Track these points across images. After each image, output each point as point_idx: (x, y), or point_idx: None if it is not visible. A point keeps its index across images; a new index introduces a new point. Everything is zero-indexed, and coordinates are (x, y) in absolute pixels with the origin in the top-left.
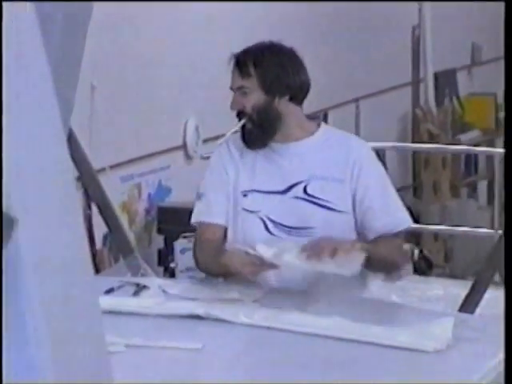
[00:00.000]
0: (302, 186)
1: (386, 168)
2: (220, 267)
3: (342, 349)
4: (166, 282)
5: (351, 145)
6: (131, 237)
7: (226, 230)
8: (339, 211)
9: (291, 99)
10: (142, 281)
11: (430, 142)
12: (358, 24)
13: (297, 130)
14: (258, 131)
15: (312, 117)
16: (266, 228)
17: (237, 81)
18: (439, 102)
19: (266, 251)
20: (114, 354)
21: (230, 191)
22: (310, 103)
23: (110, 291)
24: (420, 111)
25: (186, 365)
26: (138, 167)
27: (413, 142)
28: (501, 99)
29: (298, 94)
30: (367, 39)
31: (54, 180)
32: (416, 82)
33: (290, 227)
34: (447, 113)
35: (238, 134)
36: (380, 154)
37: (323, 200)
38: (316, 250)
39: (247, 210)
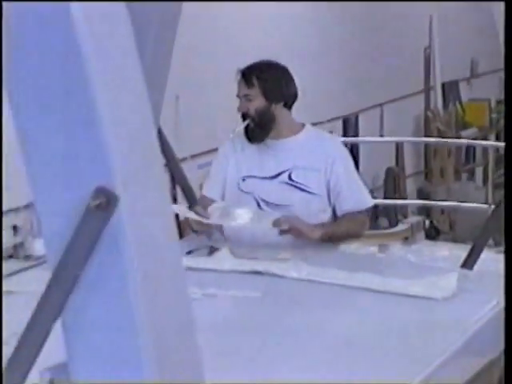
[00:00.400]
0: (287, 173)
1: (403, 157)
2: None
3: (370, 297)
4: (233, 245)
5: (326, 142)
6: None
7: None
8: (314, 194)
9: (284, 105)
10: (214, 244)
11: (438, 137)
12: (385, 46)
13: (286, 130)
14: (258, 129)
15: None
16: (258, 205)
17: (243, 90)
18: (445, 105)
19: (212, 213)
20: (194, 301)
21: (227, 176)
22: (346, 107)
23: (189, 252)
24: (430, 113)
25: (249, 308)
26: (211, 157)
27: (425, 136)
28: (493, 103)
29: (289, 101)
30: (391, 58)
31: (148, 166)
32: (427, 91)
33: (276, 204)
34: (451, 114)
35: (242, 133)
36: (399, 146)
37: (303, 185)
38: (285, 223)
39: (244, 191)
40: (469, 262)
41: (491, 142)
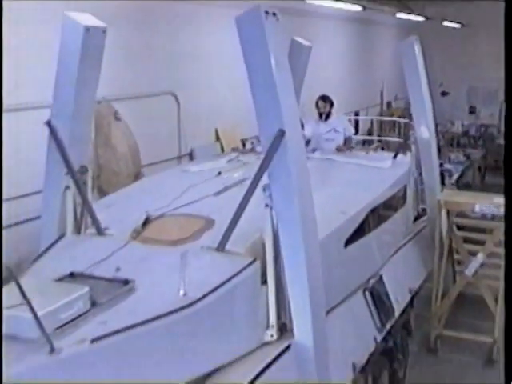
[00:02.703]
0: (333, 129)
1: (373, 125)
2: None
3: (363, 168)
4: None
5: (343, 119)
6: None
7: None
8: (341, 133)
9: (332, 106)
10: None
11: (385, 116)
12: (371, 88)
13: (331, 116)
14: (328, 116)
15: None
16: (326, 140)
17: (322, 104)
18: (388, 109)
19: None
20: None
21: (313, 131)
22: (355, 107)
23: None
24: (383, 111)
25: (324, 170)
26: None
27: (380, 116)
28: (403, 109)
29: (333, 106)
30: (372, 91)
31: (295, 121)
32: (381, 104)
33: (330, 139)
34: (389, 112)
35: (316, 118)
36: (372, 121)
37: (338, 131)
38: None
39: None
40: (395, 157)
41: (402, 120)
